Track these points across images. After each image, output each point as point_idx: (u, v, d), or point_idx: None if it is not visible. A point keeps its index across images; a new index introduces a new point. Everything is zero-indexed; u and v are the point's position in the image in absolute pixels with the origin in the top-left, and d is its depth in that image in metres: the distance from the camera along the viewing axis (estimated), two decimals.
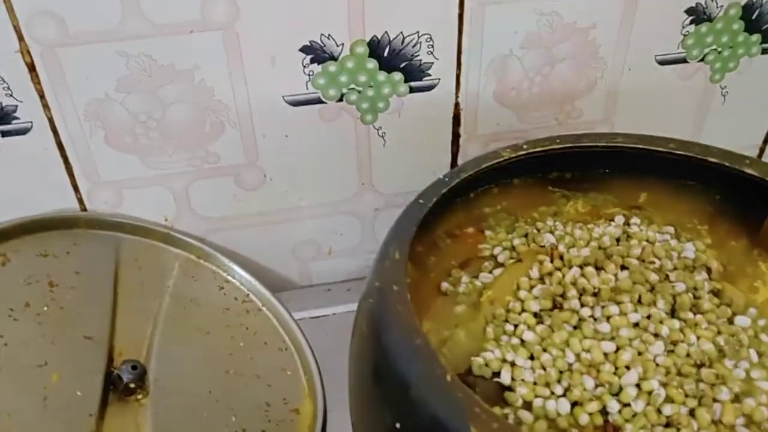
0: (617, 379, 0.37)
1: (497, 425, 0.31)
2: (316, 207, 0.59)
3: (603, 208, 0.49)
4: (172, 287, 0.56)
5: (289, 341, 0.57)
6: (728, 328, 0.40)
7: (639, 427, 0.35)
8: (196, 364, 0.53)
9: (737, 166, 0.46)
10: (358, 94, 0.54)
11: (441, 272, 0.45)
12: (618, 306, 0.39)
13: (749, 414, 0.36)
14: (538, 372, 0.37)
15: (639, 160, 0.50)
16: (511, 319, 0.40)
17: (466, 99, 0.56)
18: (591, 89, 0.58)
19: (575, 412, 0.36)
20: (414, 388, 0.34)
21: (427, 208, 0.44)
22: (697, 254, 0.43)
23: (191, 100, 0.52)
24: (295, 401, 0.54)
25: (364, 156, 0.57)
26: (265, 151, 0.55)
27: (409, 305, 0.37)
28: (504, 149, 0.48)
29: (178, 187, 0.56)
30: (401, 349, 0.36)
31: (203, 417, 0.50)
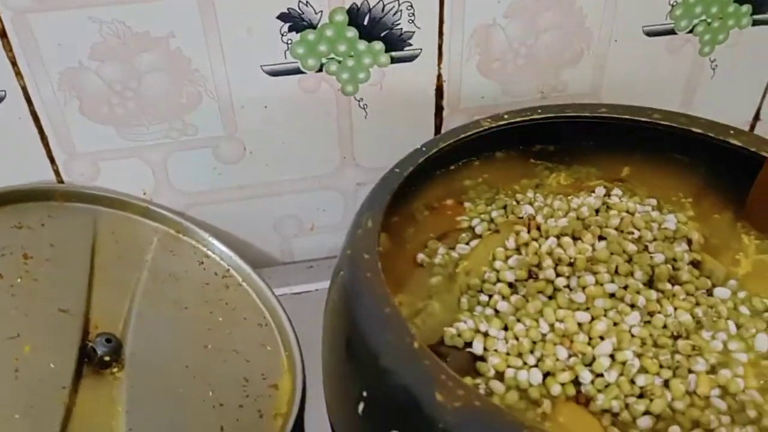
0: (591, 349, 0.36)
1: (463, 392, 0.31)
2: (297, 181, 0.58)
3: (586, 181, 0.48)
4: (151, 261, 0.55)
5: (269, 317, 0.57)
6: (707, 299, 0.39)
7: (611, 397, 0.34)
8: (174, 338, 0.52)
9: (722, 137, 0.46)
10: (338, 64, 0.53)
11: (418, 244, 0.44)
12: (594, 276, 0.38)
13: (724, 385, 0.35)
14: (512, 342, 0.37)
15: (624, 132, 0.49)
16: (486, 289, 0.39)
17: (449, 70, 0.55)
18: (577, 61, 0.56)
19: (547, 383, 0.35)
20: (382, 356, 0.33)
21: (402, 177, 0.43)
22: (678, 226, 0.42)
23: (167, 69, 0.51)
24: (274, 377, 0.53)
25: (346, 129, 0.56)
26: (244, 123, 0.54)
27: (379, 274, 0.37)
28: (485, 119, 0.47)
29: (155, 160, 0.55)
30: (370, 318, 0.35)
31: (179, 392, 0.49)
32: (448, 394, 0.31)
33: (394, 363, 0.32)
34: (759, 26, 0.58)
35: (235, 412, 0.50)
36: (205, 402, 0.50)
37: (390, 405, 0.32)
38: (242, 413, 0.50)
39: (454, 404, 0.30)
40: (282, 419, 0.51)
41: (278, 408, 0.51)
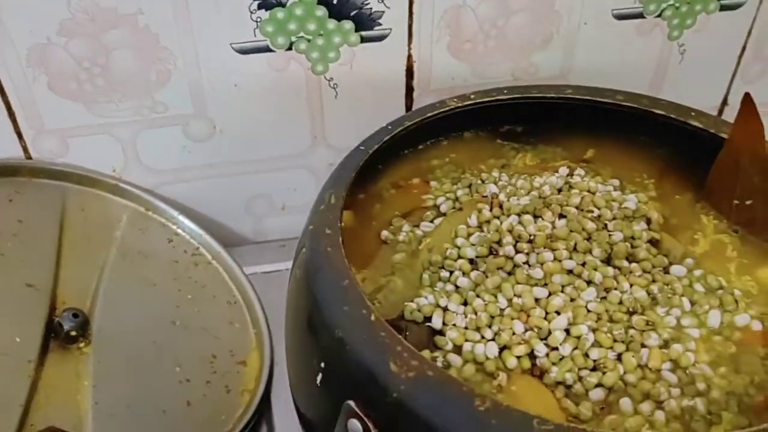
0: (547, 323, 0.36)
1: (417, 363, 0.31)
2: (268, 161, 0.59)
3: (552, 161, 0.49)
4: (120, 239, 0.55)
5: (238, 295, 0.57)
6: (663, 276, 0.40)
7: (565, 370, 0.35)
8: (141, 315, 0.53)
9: (683, 119, 0.46)
10: (308, 42, 0.53)
11: (383, 221, 0.45)
12: (552, 253, 0.39)
13: (676, 359, 0.36)
14: (470, 317, 0.37)
15: (589, 113, 0.50)
16: (447, 265, 0.40)
17: (419, 51, 0.55)
18: (547, 44, 0.57)
19: (504, 356, 0.36)
20: (339, 328, 0.34)
21: (367, 155, 0.43)
22: (638, 205, 0.43)
23: (136, 46, 0.50)
24: (242, 354, 0.54)
25: (316, 108, 0.56)
26: (214, 101, 0.54)
27: (339, 248, 0.37)
28: (451, 99, 0.48)
29: (125, 137, 0.55)
30: (329, 291, 0.35)
31: (146, 367, 0.50)
32: (402, 365, 0.31)
33: (351, 334, 0.33)
34: (726, 11, 0.59)
35: (201, 387, 0.50)
36: (172, 377, 0.50)
37: (346, 375, 0.33)
38: (209, 389, 0.50)
39: (408, 374, 0.31)
40: (249, 395, 0.51)
41: (246, 384, 0.52)
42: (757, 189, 0.43)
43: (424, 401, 0.30)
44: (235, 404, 0.50)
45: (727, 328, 0.38)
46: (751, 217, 0.43)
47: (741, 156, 0.43)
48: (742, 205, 0.44)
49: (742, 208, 0.44)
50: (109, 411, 0.46)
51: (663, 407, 0.34)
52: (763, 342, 0.37)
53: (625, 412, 0.34)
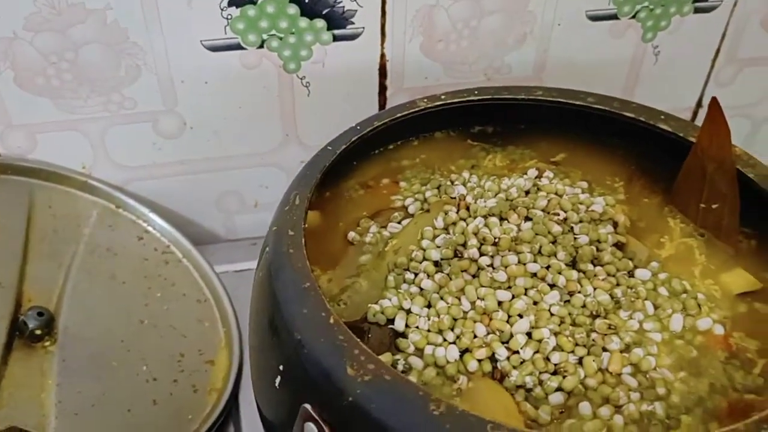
0: (509, 326, 0.36)
1: (373, 366, 0.31)
2: (239, 158, 0.58)
3: (521, 163, 0.49)
4: (88, 236, 0.55)
5: (208, 293, 0.57)
6: (627, 280, 0.40)
7: (525, 373, 0.35)
8: (109, 313, 0.52)
9: (652, 122, 0.46)
10: (280, 40, 0.52)
11: (351, 222, 0.44)
12: (517, 256, 0.39)
13: (637, 363, 0.36)
14: (433, 319, 0.37)
15: (560, 115, 0.49)
16: (412, 267, 0.40)
17: (392, 50, 0.55)
18: (521, 44, 0.57)
19: (465, 359, 0.36)
20: (297, 330, 0.33)
21: (334, 155, 0.43)
22: (605, 208, 0.43)
23: (104, 41, 0.50)
24: (210, 352, 0.53)
25: (288, 106, 0.56)
26: (184, 98, 0.54)
27: (302, 249, 0.37)
28: (421, 99, 0.48)
29: (94, 133, 0.54)
30: (289, 292, 0.35)
31: (112, 365, 0.49)
32: (359, 368, 0.31)
33: (309, 337, 0.33)
34: (700, 14, 0.59)
35: (168, 386, 0.50)
36: (139, 376, 0.50)
37: (303, 378, 0.33)
38: (176, 388, 0.50)
39: (364, 378, 0.31)
40: (217, 394, 0.51)
41: (213, 383, 0.52)
42: (723, 193, 0.43)
43: (379, 405, 0.30)
44: (202, 403, 0.50)
45: (689, 332, 0.38)
46: (717, 222, 0.44)
47: (708, 161, 0.43)
48: (709, 209, 0.44)
49: (708, 213, 0.44)
50: (72, 410, 0.46)
51: (622, 411, 0.34)
52: (724, 346, 0.38)
53: (583, 416, 0.34)
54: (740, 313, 0.39)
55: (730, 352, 0.37)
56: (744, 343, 0.38)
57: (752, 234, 0.43)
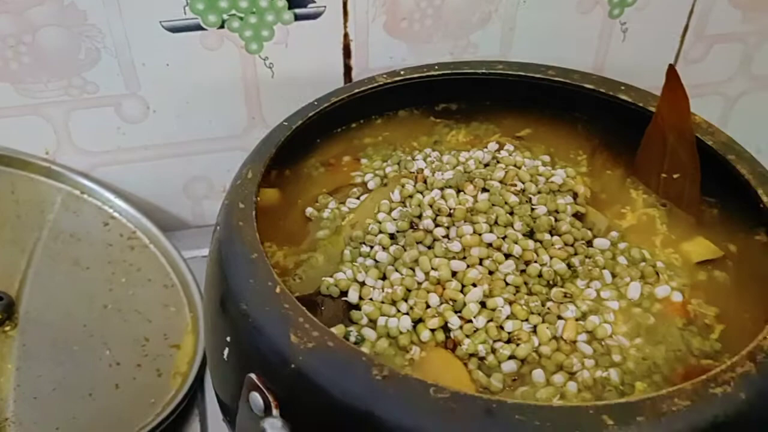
0: (462, 296, 0.36)
1: (317, 334, 0.31)
2: (205, 142, 0.58)
3: (485, 138, 0.48)
4: (52, 222, 0.54)
5: (175, 278, 0.56)
6: (586, 250, 0.39)
7: (478, 342, 0.35)
8: (71, 298, 0.52)
9: (612, 93, 0.46)
10: (241, 20, 0.52)
11: (310, 199, 0.44)
12: (472, 226, 0.39)
13: (592, 331, 0.36)
14: (387, 291, 0.37)
15: (524, 89, 0.49)
16: (368, 241, 0.39)
17: (356, 29, 0.54)
18: (486, 23, 0.56)
19: (418, 329, 0.35)
20: (244, 300, 0.33)
21: (290, 130, 0.43)
22: (565, 180, 0.43)
23: (62, 23, 0.49)
24: (176, 337, 0.53)
25: (252, 88, 0.55)
26: (147, 81, 0.53)
27: (251, 222, 0.36)
28: (380, 75, 0.47)
29: (56, 118, 0.54)
30: (238, 264, 0.35)
31: (74, 350, 0.49)
32: (303, 336, 0.31)
33: (255, 307, 0.32)
34: None
35: (132, 370, 0.49)
36: (101, 361, 0.49)
37: (249, 348, 0.32)
38: (140, 372, 0.50)
39: (308, 345, 0.30)
40: (181, 378, 0.50)
41: (178, 367, 0.51)
42: (683, 163, 0.43)
43: (322, 371, 0.30)
44: (165, 387, 0.50)
45: (647, 299, 0.37)
46: (678, 191, 0.43)
47: (668, 130, 0.43)
48: (670, 179, 0.43)
49: (669, 182, 0.44)
50: (32, 394, 0.45)
51: (576, 378, 0.34)
52: (682, 313, 0.37)
53: (537, 384, 0.34)
54: (700, 280, 0.39)
55: (688, 318, 0.37)
56: (702, 310, 0.37)
57: (714, 203, 0.43)
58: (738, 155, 0.41)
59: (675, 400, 0.29)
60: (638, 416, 0.28)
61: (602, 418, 0.28)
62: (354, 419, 0.29)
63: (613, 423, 0.28)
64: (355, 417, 0.29)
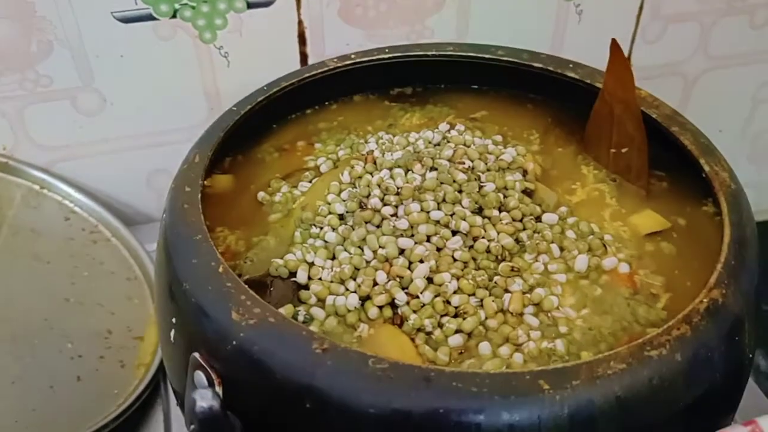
0: (409, 273, 0.36)
1: (259, 310, 0.31)
2: (164, 133, 0.58)
3: (440, 120, 0.49)
4: (12, 217, 0.54)
5: (138, 271, 0.56)
6: (534, 225, 0.39)
7: (425, 316, 0.35)
8: (32, 292, 0.51)
9: (560, 70, 0.46)
10: (192, 9, 0.52)
11: (263, 185, 0.44)
12: (420, 204, 0.39)
13: (539, 303, 0.36)
14: (335, 270, 0.37)
15: (475, 71, 0.49)
16: (318, 222, 0.40)
17: (310, 16, 0.54)
18: (441, 7, 0.57)
19: (366, 306, 0.36)
20: (187, 280, 0.33)
21: (239, 115, 0.43)
22: (515, 158, 0.43)
23: (11, 15, 0.49)
24: (139, 329, 0.53)
25: (209, 78, 0.55)
26: (101, 73, 0.53)
27: (196, 205, 0.37)
28: (331, 60, 0.47)
29: (11, 113, 0.53)
30: (182, 246, 0.35)
31: (34, 344, 0.49)
32: (244, 313, 0.31)
33: (197, 286, 0.33)
34: None
35: (94, 362, 0.49)
36: (62, 353, 0.49)
37: (193, 328, 0.32)
38: (102, 364, 0.50)
39: (249, 321, 0.31)
40: (144, 368, 0.50)
41: (141, 358, 0.51)
42: (631, 136, 0.43)
43: (263, 347, 0.30)
44: (129, 378, 0.50)
45: (594, 272, 0.38)
46: (627, 165, 0.44)
47: (614, 104, 0.43)
48: (618, 153, 0.44)
49: (618, 157, 0.44)
50: None
51: (522, 350, 0.34)
52: (629, 284, 0.38)
53: (483, 356, 0.34)
54: (647, 251, 0.39)
55: (635, 289, 0.37)
56: (649, 280, 0.38)
57: (662, 176, 0.44)
58: (681, 126, 0.41)
59: (611, 363, 0.29)
60: (574, 380, 0.29)
61: (539, 383, 0.28)
62: (295, 393, 0.29)
63: (549, 387, 0.28)
64: (297, 391, 0.29)
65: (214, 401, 0.27)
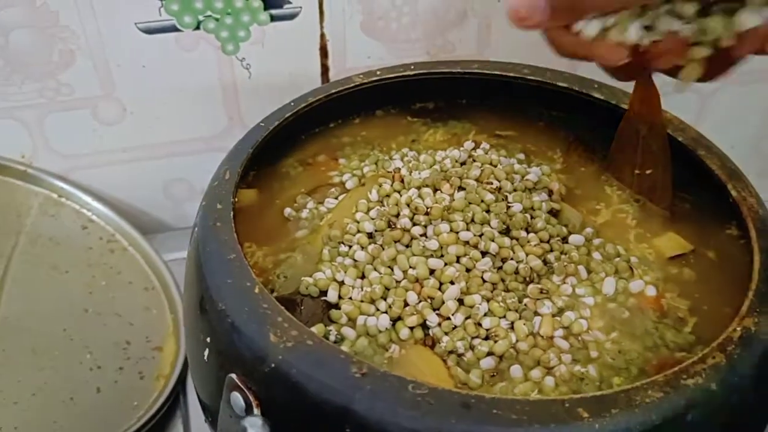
0: (440, 293, 0.36)
1: (296, 333, 0.31)
2: (183, 143, 0.58)
3: (463, 137, 0.49)
4: (30, 226, 0.54)
5: (156, 281, 0.56)
6: (561, 246, 0.40)
7: (457, 339, 0.35)
8: (51, 302, 0.52)
9: (585, 91, 0.47)
10: (216, 21, 0.52)
11: (288, 199, 0.44)
12: (449, 224, 0.39)
13: (568, 326, 0.36)
14: (366, 290, 0.37)
15: (499, 88, 0.50)
16: (346, 240, 0.40)
17: (332, 29, 0.54)
18: (462, 21, 0.57)
19: (397, 327, 0.36)
20: (223, 300, 0.33)
21: (267, 131, 0.43)
22: (541, 177, 0.43)
23: (35, 25, 0.49)
24: (158, 339, 0.53)
25: (230, 89, 0.55)
26: (122, 83, 0.53)
27: (229, 223, 0.37)
28: (357, 75, 0.48)
29: (31, 121, 0.53)
30: (215, 265, 0.35)
31: (54, 354, 0.49)
32: (282, 335, 0.31)
33: (234, 306, 0.33)
34: None
35: (113, 374, 0.49)
36: (82, 365, 0.49)
37: (229, 348, 0.32)
38: (122, 375, 0.50)
39: (287, 344, 0.31)
40: (164, 380, 0.50)
41: (161, 370, 0.51)
42: (656, 158, 0.43)
43: (301, 369, 0.30)
44: (148, 390, 0.50)
45: (621, 294, 0.38)
46: (651, 186, 0.44)
47: (640, 125, 0.44)
48: (643, 174, 0.44)
49: (642, 178, 0.44)
50: (12, 399, 0.45)
51: (553, 373, 0.34)
52: (656, 307, 0.38)
53: (515, 379, 0.34)
54: (673, 274, 0.40)
55: (662, 312, 0.38)
56: (675, 303, 0.38)
57: (686, 198, 0.44)
58: (708, 150, 0.42)
59: (648, 392, 0.30)
60: (613, 408, 0.29)
61: (578, 410, 0.29)
62: (334, 417, 0.29)
63: (588, 415, 0.28)
64: (335, 415, 0.29)
65: (264, 430, 0.28)
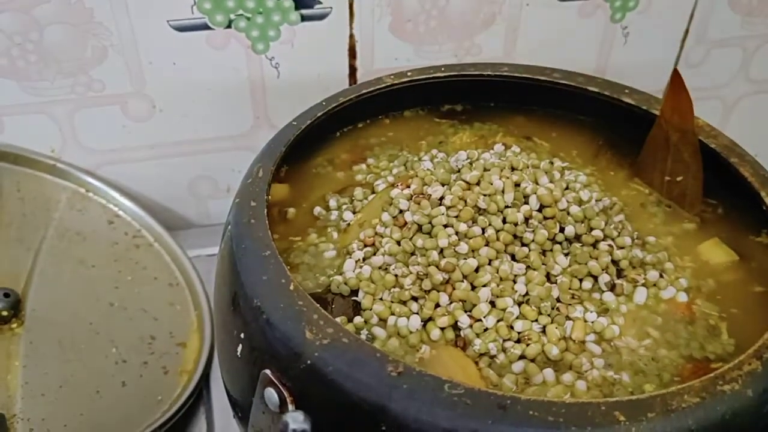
0: (473, 294, 0.36)
1: (332, 330, 0.31)
2: (210, 141, 0.58)
3: (489, 138, 0.49)
4: (58, 220, 0.55)
5: (180, 277, 0.56)
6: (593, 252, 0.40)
7: (489, 341, 0.35)
8: (78, 296, 0.52)
9: (616, 95, 0.47)
10: (247, 20, 0.52)
11: (318, 198, 0.44)
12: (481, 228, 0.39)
13: (600, 332, 0.36)
14: (396, 290, 0.37)
15: (528, 91, 0.50)
16: (377, 240, 0.40)
17: (361, 30, 0.55)
18: (490, 24, 0.57)
19: (428, 328, 0.36)
20: (258, 297, 0.33)
21: (299, 129, 0.43)
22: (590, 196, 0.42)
23: (69, 21, 0.49)
24: (182, 335, 0.53)
25: (258, 87, 0.56)
26: (153, 80, 0.54)
27: (263, 220, 0.37)
28: (388, 76, 0.48)
29: (62, 116, 0.54)
30: (250, 261, 0.35)
31: (80, 348, 0.49)
32: (318, 332, 0.31)
33: (269, 303, 0.33)
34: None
35: (138, 368, 0.50)
36: (108, 358, 0.49)
37: (263, 344, 0.33)
38: (146, 370, 0.50)
39: (323, 341, 0.31)
40: (188, 376, 0.51)
41: (184, 365, 0.51)
42: (687, 164, 0.43)
43: (337, 367, 0.30)
44: (172, 385, 0.50)
45: (653, 300, 0.38)
46: (681, 193, 0.44)
47: (671, 131, 0.44)
48: (673, 181, 0.44)
49: (673, 184, 0.44)
50: (39, 391, 0.45)
51: (585, 377, 0.34)
52: (688, 313, 0.38)
53: (547, 383, 0.34)
54: (704, 281, 0.39)
55: (694, 319, 0.37)
56: (707, 310, 0.38)
57: (716, 205, 0.44)
58: (741, 158, 0.42)
59: (685, 396, 0.29)
60: (649, 412, 0.29)
61: (614, 414, 0.29)
62: (369, 415, 0.29)
63: (624, 419, 0.28)
64: (370, 413, 0.29)
65: (306, 425, 0.28)
